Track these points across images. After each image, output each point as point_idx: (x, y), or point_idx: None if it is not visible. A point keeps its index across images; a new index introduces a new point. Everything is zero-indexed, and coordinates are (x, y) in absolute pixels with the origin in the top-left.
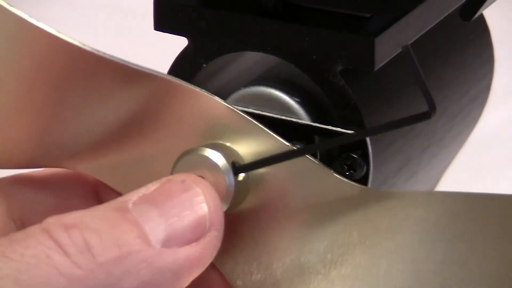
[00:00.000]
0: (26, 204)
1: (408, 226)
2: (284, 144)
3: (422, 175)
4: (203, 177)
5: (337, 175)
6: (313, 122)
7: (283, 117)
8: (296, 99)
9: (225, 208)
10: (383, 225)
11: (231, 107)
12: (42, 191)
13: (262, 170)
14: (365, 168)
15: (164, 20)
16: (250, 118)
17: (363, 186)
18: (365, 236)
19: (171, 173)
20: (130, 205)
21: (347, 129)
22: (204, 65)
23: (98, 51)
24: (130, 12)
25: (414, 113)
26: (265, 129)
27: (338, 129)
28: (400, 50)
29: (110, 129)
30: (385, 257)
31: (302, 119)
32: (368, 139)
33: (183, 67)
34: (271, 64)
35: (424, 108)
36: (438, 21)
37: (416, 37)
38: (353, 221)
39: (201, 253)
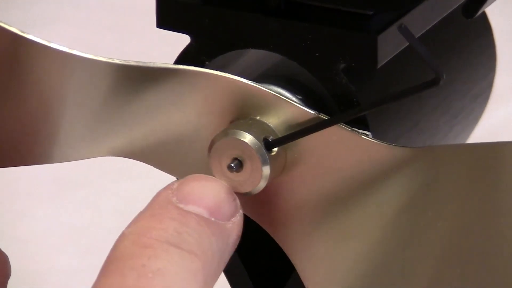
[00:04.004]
0: None
1: (443, 181)
2: (310, 113)
3: None
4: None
5: (370, 139)
6: None
7: None
8: (299, 97)
9: (265, 182)
10: (419, 182)
11: (255, 83)
12: None
13: (295, 141)
14: None
15: (167, 18)
16: (273, 92)
17: (399, 146)
18: (403, 194)
19: (208, 156)
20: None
21: (349, 127)
22: (207, 62)
23: (112, 59)
24: (131, 10)
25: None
26: (288, 100)
27: (342, 126)
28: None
29: (150, 120)
30: (424, 214)
31: None
32: (370, 136)
33: (185, 64)
34: (274, 62)
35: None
36: (440, 18)
37: (419, 35)
38: (392, 180)
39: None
